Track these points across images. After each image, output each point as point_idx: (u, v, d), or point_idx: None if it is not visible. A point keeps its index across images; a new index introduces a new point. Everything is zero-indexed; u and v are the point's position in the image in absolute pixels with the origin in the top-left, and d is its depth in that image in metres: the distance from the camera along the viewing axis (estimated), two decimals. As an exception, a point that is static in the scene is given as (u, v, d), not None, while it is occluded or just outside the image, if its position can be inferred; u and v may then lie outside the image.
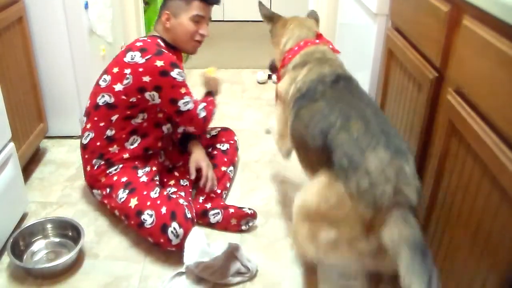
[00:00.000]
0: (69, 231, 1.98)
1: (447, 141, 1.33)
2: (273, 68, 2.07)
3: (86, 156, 2.10)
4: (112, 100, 2.01)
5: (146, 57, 1.93)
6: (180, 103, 2.02)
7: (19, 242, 1.90)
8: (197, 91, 2.35)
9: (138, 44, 2.00)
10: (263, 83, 3.64)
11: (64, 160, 2.57)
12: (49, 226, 1.99)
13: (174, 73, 1.96)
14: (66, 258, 1.82)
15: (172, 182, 2.23)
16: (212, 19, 2.24)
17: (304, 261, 1.81)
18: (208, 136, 2.39)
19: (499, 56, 1.04)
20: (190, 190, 2.23)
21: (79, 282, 1.81)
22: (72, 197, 2.26)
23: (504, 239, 1.01)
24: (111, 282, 1.82)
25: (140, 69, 1.93)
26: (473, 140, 1.15)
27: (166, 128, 2.18)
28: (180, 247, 1.85)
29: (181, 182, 2.24)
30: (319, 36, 1.87)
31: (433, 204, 1.41)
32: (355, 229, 1.26)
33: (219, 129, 2.47)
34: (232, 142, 2.44)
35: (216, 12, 5.00)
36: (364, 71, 2.09)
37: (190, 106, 2.05)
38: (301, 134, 1.56)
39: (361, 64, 2.16)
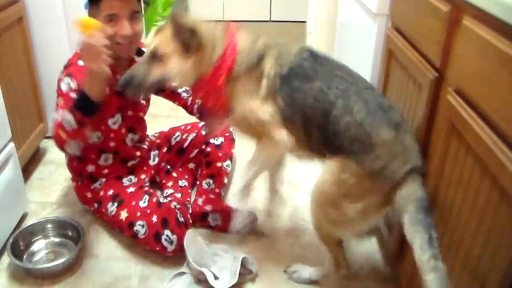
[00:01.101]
0: (69, 231, 1.99)
1: (447, 141, 1.32)
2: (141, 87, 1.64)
3: (71, 175, 2.10)
4: None
5: (62, 69, 1.85)
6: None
7: (19, 242, 1.91)
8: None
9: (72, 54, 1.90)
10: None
11: (64, 160, 2.55)
12: (49, 226, 2.00)
13: (63, 82, 1.77)
14: (66, 258, 1.83)
15: (170, 184, 2.22)
16: (212, 19, 2.15)
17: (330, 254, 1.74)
18: (203, 132, 2.36)
19: (499, 56, 1.04)
20: (189, 190, 2.23)
21: (79, 282, 1.82)
22: (71, 197, 2.26)
23: (504, 238, 1.01)
24: (111, 282, 1.82)
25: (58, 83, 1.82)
26: (473, 140, 1.15)
27: (129, 139, 2.09)
28: (177, 252, 1.85)
29: (179, 183, 2.24)
30: (229, 27, 1.68)
31: (433, 205, 1.41)
32: (377, 198, 1.47)
33: None
34: (227, 134, 2.39)
35: (216, 12, 5.07)
36: (364, 71, 2.09)
37: (55, 117, 1.72)
38: (306, 118, 1.57)
39: (361, 64, 2.16)
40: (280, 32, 4.86)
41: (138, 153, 2.15)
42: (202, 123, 2.37)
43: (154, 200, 1.96)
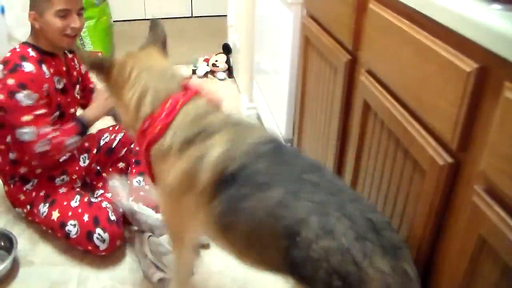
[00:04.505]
0: (1, 241, 1.94)
1: (364, 120, 1.40)
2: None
3: (3, 179, 2.05)
4: None
5: (4, 72, 1.80)
6: (18, 132, 1.80)
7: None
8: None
9: (7, 54, 1.86)
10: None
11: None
12: (-20, 238, 1.93)
13: (20, 95, 1.77)
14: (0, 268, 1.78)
15: (100, 184, 2.22)
16: (133, 18, 2.18)
17: None
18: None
19: (402, 36, 1.11)
20: (120, 189, 2.22)
21: (16, 292, 1.77)
22: (2, 207, 2.21)
23: (419, 206, 1.09)
24: None
25: (3, 90, 1.79)
26: (386, 117, 1.23)
27: None
28: (110, 251, 1.86)
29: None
30: (186, 87, 1.37)
31: (356, 182, 1.48)
32: None
33: None
34: None
35: (138, 11, 5.00)
36: (283, 60, 2.15)
37: (28, 137, 1.80)
38: (252, 233, 1.16)
39: (280, 53, 2.21)
40: (202, 27, 4.86)
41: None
42: None
43: (86, 199, 1.97)
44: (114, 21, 4.31)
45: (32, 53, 1.88)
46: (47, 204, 1.95)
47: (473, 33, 0.85)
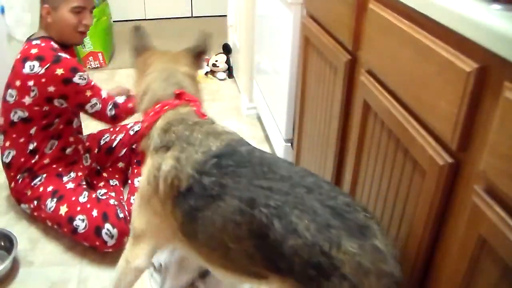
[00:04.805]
0: (1, 241, 1.95)
1: (364, 120, 1.40)
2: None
3: (12, 174, 2.05)
4: (26, 114, 1.96)
5: (45, 67, 1.88)
6: (87, 106, 2.02)
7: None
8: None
9: (34, 51, 1.92)
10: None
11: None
12: (-20, 239, 1.93)
13: (76, 78, 1.93)
14: (0, 268, 1.78)
15: (101, 184, 2.23)
16: (133, 18, 2.22)
17: None
18: (131, 132, 2.36)
19: (402, 36, 1.11)
20: (122, 189, 2.23)
21: (15, 292, 1.78)
22: (2, 206, 2.21)
23: (418, 206, 1.09)
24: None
25: (43, 80, 1.88)
26: (386, 117, 1.23)
27: (75, 123, 2.17)
28: (117, 248, 1.85)
29: (111, 182, 2.24)
30: (179, 95, 1.47)
31: (355, 182, 1.48)
32: None
33: None
34: None
35: (138, 11, 5.00)
36: (283, 60, 2.15)
37: (98, 107, 2.04)
38: (215, 239, 1.23)
39: (280, 53, 2.22)
40: (202, 27, 4.85)
41: (72, 139, 2.15)
42: (130, 124, 2.40)
43: (94, 196, 1.99)
44: (114, 21, 4.31)
45: (55, 45, 1.98)
46: (55, 199, 1.96)
47: (473, 33, 0.85)
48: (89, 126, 2.62)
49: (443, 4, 0.94)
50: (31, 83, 1.90)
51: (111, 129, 2.40)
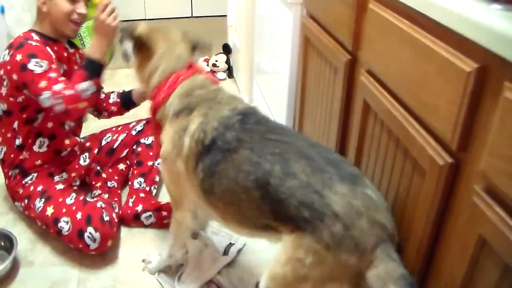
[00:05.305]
0: (1, 241, 1.94)
1: (364, 120, 1.40)
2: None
3: (6, 170, 2.06)
4: (6, 106, 1.95)
5: (10, 53, 1.85)
6: (40, 100, 1.81)
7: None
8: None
9: (11, 41, 1.91)
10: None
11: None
12: (-20, 238, 1.93)
13: (31, 64, 1.81)
14: (0, 268, 1.78)
15: (98, 184, 2.21)
16: (133, 18, 2.19)
17: None
18: (133, 132, 2.35)
19: (402, 36, 1.11)
20: (119, 191, 2.22)
21: (15, 292, 1.77)
22: (2, 207, 2.21)
23: (418, 207, 1.09)
24: (49, 288, 1.80)
25: (8, 67, 1.85)
26: (386, 117, 1.23)
27: (67, 125, 2.12)
28: (100, 251, 1.86)
29: (108, 183, 2.23)
30: (190, 65, 1.61)
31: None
32: (344, 281, 1.12)
33: (145, 121, 2.39)
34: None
35: (137, 11, 4.99)
36: (283, 60, 2.15)
37: (48, 102, 1.80)
38: (228, 191, 1.34)
39: (280, 53, 2.21)
40: (202, 27, 4.86)
41: (68, 142, 2.12)
42: (133, 123, 2.38)
43: (81, 198, 1.97)
44: (114, 21, 4.30)
45: (36, 37, 1.93)
46: (43, 200, 1.96)
47: (473, 33, 0.85)
48: (89, 126, 2.63)
49: (443, 4, 0.94)
50: (1, 72, 1.89)
51: (113, 129, 2.38)
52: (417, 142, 1.06)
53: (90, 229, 1.83)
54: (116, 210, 2.03)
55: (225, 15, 3.73)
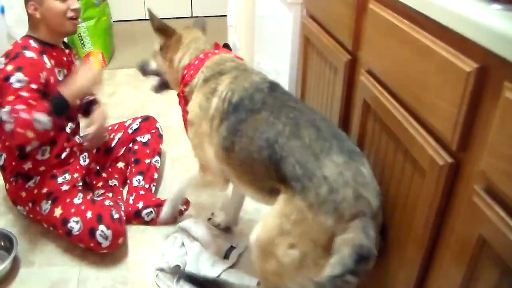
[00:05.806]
0: (1, 241, 1.94)
1: (364, 119, 1.40)
2: (145, 72, 1.86)
3: (7, 177, 2.04)
4: None
5: (5, 62, 1.81)
6: (2, 111, 1.74)
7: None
8: (125, 90, 2.31)
9: (9, 48, 1.88)
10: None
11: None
12: (-21, 238, 1.92)
13: (14, 77, 1.76)
14: (0, 268, 1.78)
15: (100, 184, 2.22)
16: (133, 18, 2.18)
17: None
18: (130, 131, 2.35)
19: (402, 36, 1.11)
20: (121, 189, 2.23)
21: (16, 292, 1.77)
22: (2, 207, 2.21)
23: (418, 206, 1.09)
24: None
25: (1, 76, 1.80)
26: (386, 117, 1.23)
27: (69, 128, 2.09)
28: (112, 249, 1.86)
29: (109, 182, 2.23)
30: (217, 46, 1.75)
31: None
32: (318, 243, 1.19)
33: (140, 120, 2.40)
34: (153, 131, 2.39)
35: (137, 11, 5.00)
36: (283, 60, 2.15)
37: (4, 117, 1.72)
38: (245, 149, 1.42)
39: (280, 53, 2.21)
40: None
41: (66, 144, 2.09)
42: (128, 122, 2.39)
43: (88, 197, 1.97)
44: (114, 21, 4.30)
45: (34, 44, 1.90)
46: (50, 201, 1.95)
47: (473, 33, 0.85)
48: (89, 126, 2.62)
49: (443, 4, 0.94)
50: None
51: (110, 128, 2.38)
52: (417, 142, 1.06)
53: (101, 227, 1.84)
54: (123, 208, 2.04)
55: (225, 15, 3.72)
